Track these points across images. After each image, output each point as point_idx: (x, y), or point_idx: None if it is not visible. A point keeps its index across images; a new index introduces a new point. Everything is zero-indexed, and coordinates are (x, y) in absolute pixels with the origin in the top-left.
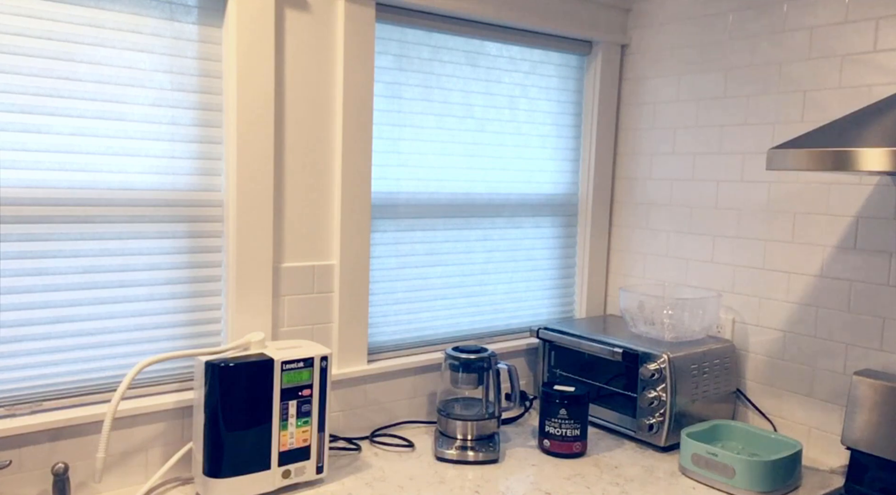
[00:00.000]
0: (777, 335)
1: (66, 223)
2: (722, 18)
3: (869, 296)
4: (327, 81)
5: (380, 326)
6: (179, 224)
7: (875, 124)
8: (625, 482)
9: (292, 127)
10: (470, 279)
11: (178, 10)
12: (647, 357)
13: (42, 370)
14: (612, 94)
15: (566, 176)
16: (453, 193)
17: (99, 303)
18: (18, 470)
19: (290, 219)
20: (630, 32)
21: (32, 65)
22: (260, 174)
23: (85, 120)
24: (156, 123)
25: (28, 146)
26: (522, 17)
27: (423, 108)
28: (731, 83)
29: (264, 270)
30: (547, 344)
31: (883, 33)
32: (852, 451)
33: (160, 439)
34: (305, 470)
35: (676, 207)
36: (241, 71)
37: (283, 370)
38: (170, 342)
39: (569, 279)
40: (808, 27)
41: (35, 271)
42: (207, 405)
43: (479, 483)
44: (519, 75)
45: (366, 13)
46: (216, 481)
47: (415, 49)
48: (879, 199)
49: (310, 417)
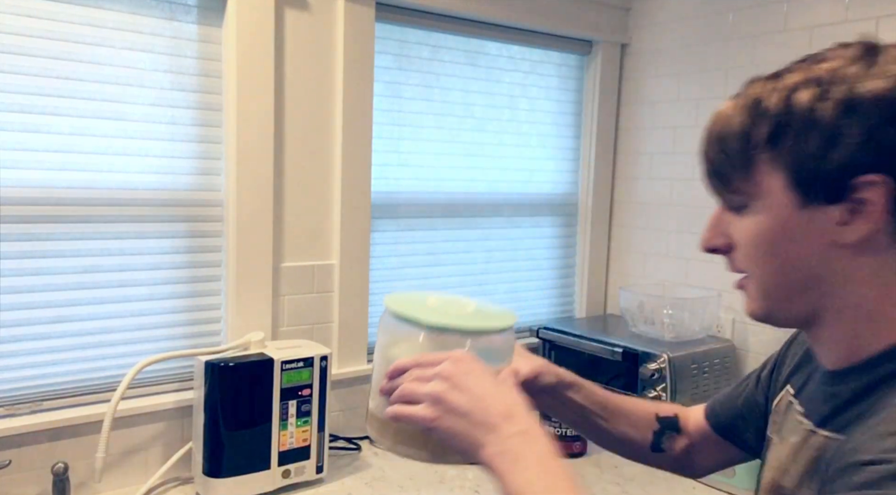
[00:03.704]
0: (777, 335)
1: (66, 223)
2: (722, 18)
3: None
4: (327, 81)
5: None
6: (179, 224)
7: None
8: (625, 482)
9: (292, 127)
10: (470, 279)
11: (178, 9)
12: (647, 356)
13: (42, 370)
14: (612, 94)
15: (566, 176)
16: (453, 193)
17: (99, 303)
18: (18, 470)
19: (290, 219)
20: (630, 32)
21: (32, 65)
22: (260, 174)
23: (85, 120)
24: (156, 123)
25: (28, 146)
26: (522, 16)
27: (423, 107)
28: (731, 83)
29: (264, 270)
30: (547, 343)
31: (883, 33)
32: None
33: (160, 439)
34: (305, 469)
35: (676, 207)
36: (241, 71)
37: (283, 370)
38: (170, 342)
39: (569, 279)
40: (808, 27)
41: (35, 271)
42: (207, 405)
43: (479, 482)
44: (519, 75)
45: (366, 13)
46: (216, 481)
47: (415, 49)
48: None
49: (310, 417)
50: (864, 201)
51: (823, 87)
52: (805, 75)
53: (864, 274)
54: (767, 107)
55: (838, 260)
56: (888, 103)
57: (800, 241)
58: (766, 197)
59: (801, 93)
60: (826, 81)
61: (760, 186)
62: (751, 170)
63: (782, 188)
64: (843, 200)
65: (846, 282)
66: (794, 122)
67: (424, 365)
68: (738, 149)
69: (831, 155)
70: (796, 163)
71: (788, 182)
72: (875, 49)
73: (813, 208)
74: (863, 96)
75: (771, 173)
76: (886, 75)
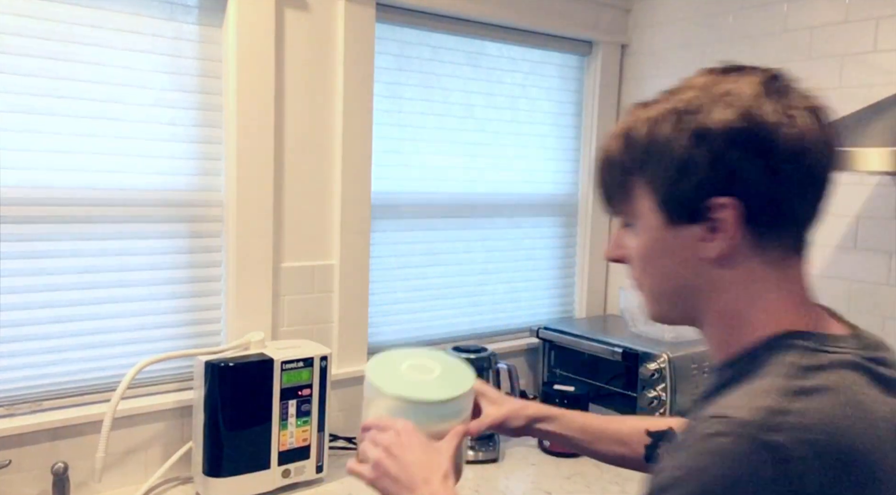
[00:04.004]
0: None
1: (66, 223)
2: (722, 18)
3: (869, 296)
4: (327, 81)
5: (380, 326)
6: (179, 224)
7: (875, 124)
8: (624, 481)
9: (292, 127)
10: (470, 279)
11: (178, 10)
12: (646, 356)
13: (42, 370)
14: (612, 94)
15: (566, 176)
16: (453, 193)
17: (99, 303)
18: (18, 470)
19: (290, 219)
20: (630, 32)
21: (32, 65)
22: (260, 174)
23: (85, 120)
24: (156, 124)
25: (28, 147)
26: (522, 17)
27: (423, 108)
28: None
29: (264, 270)
30: (547, 343)
31: (883, 33)
32: None
33: (160, 439)
34: (305, 469)
35: None
36: (241, 71)
37: (283, 370)
38: (170, 342)
39: (569, 279)
40: (808, 27)
41: (35, 271)
42: (207, 405)
43: (479, 482)
44: (519, 75)
45: (366, 13)
46: (216, 481)
47: (415, 49)
48: (879, 199)
49: (309, 417)
50: (718, 221)
51: (679, 117)
52: (665, 106)
53: (728, 283)
54: (636, 136)
55: (706, 272)
56: (734, 132)
57: (671, 256)
58: (642, 217)
59: (661, 123)
60: (682, 111)
61: (637, 208)
62: (628, 194)
63: (652, 209)
64: (701, 220)
65: (713, 290)
66: (655, 151)
67: (380, 428)
68: (616, 176)
69: (687, 180)
70: (660, 187)
71: (656, 204)
72: (728, 76)
73: (678, 227)
74: (710, 126)
75: (643, 196)
76: (733, 105)
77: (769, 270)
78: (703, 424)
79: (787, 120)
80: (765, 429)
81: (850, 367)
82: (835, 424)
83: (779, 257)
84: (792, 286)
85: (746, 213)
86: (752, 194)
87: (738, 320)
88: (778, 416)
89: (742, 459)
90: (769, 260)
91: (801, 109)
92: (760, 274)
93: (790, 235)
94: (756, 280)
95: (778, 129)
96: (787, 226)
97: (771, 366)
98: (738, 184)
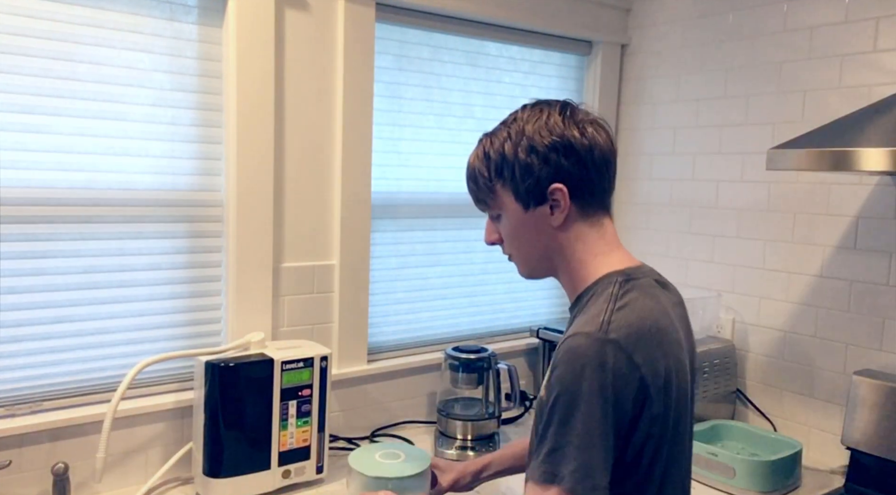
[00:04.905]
0: (777, 335)
1: (66, 223)
2: (722, 18)
3: (869, 296)
4: (327, 81)
5: (380, 326)
6: (179, 224)
7: (875, 124)
8: None
9: (292, 127)
10: (470, 279)
11: (178, 10)
12: None
13: (42, 370)
14: (611, 94)
15: None
16: (453, 193)
17: (99, 303)
18: (18, 470)
19: (290, 219)
20: (630, 32)
21: (32, 65)
22: (260, 174)
23: (85, 120)
24: (156, 123)
25: (28, 146)
26: (522, 17)
27: (423, 108)
28: (731, 83)
29: (264, 270)
30: (547, 343)
31: (883, 33)
32: (852, 451)
33: (160, 439)
34: (305, 469)
35: (676, 207)
36: (241, 71)
37: (283, 370)
38: (170, 342)
39: None
40: (808, 27)
41: (35, 271)
42: (207, 405)
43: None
44: (519, 75)
45: (366, 13)
46: (216, 481)
47: (415, 49)
48: (879, 199)
49: (310, 417)
50: (556, 200)
51: (516, 139)
52: (505, 134)
53: (570, 241)
54: (490, 155)
55: (555, 237)
56: (552, 144)
57: (532, 230)
58: (506, 208)
59: (505, 145)
60: (518, 133)
61: (501, 203)
62: (493, 194)
63: (512, 201)
64: (545, 202)
65: (563, 248)
66: (506, 163)
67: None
68: (482, 183)
69: (531, 178)
70: (514, 186)
71: (514, 197)
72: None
73: (532, 210)
74: (537, 142)
75: (504, 194)
76: (547, 127)
77: (592, 229)
78: (565, 342)
79: (580, 131)
80: (603, 333)
81: (648, 278)
82: (644, 313)
83: (597, 219)
84: (609, 237)
85: (571, 192)
86: (572, 180)
87: (580, 266)
88: (611, 324)
89: (592, 351)
90: (591, 222)
91: (588, 123)
92: (587, 231)
93: (600, 203)
94: (585, 235)
95: (578, 138)
96: (596, 196)
97: (601, 296)
98: (562, 174)
